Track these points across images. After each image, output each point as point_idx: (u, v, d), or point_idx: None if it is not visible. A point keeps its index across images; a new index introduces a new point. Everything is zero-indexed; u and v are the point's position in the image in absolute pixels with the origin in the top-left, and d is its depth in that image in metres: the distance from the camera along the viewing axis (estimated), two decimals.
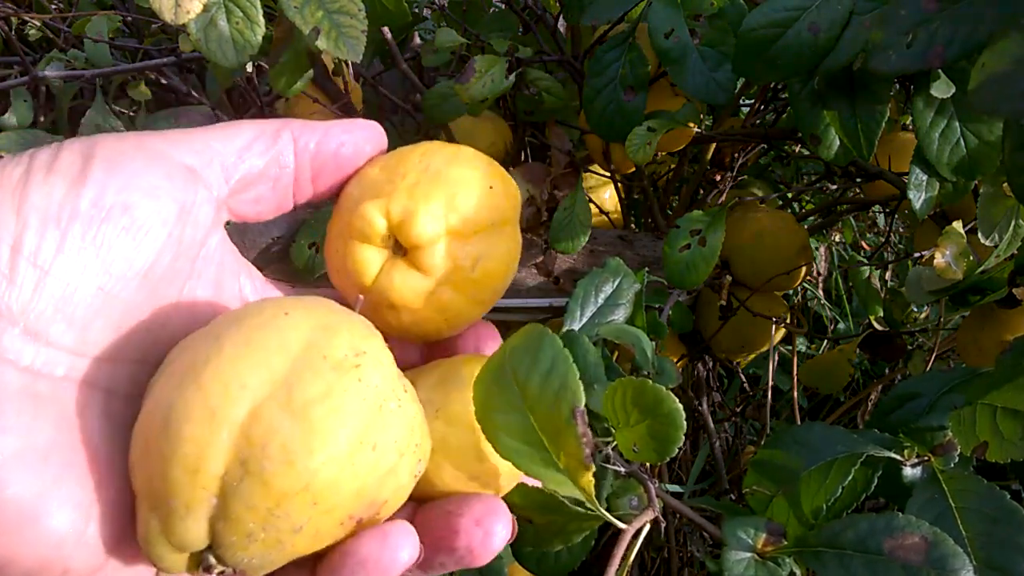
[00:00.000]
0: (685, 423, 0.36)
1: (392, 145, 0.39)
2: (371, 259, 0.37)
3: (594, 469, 0.33)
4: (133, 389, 0.31)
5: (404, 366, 0.35)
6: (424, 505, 0.35)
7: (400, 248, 0.37)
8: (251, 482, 0.27)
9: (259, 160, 0.35)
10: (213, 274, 0.35)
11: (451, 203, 0.36)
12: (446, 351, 0.41)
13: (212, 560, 0.28)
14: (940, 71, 0.57)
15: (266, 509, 0.27)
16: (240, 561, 0.28)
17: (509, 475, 0.37)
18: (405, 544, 0.30)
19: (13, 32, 0.81)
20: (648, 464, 0.83)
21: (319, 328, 0.30)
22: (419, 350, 0.42)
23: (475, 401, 0.34)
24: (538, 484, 0.38)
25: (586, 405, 0.45)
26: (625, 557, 0.38)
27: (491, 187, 0.37)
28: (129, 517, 0.29)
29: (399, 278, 0.36)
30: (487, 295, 0.38)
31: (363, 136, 0.37)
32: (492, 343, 0.41)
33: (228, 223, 0.36)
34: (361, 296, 0.36)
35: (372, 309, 0.37)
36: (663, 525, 0.97)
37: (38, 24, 0.82)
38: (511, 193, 0.38)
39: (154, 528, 0.28)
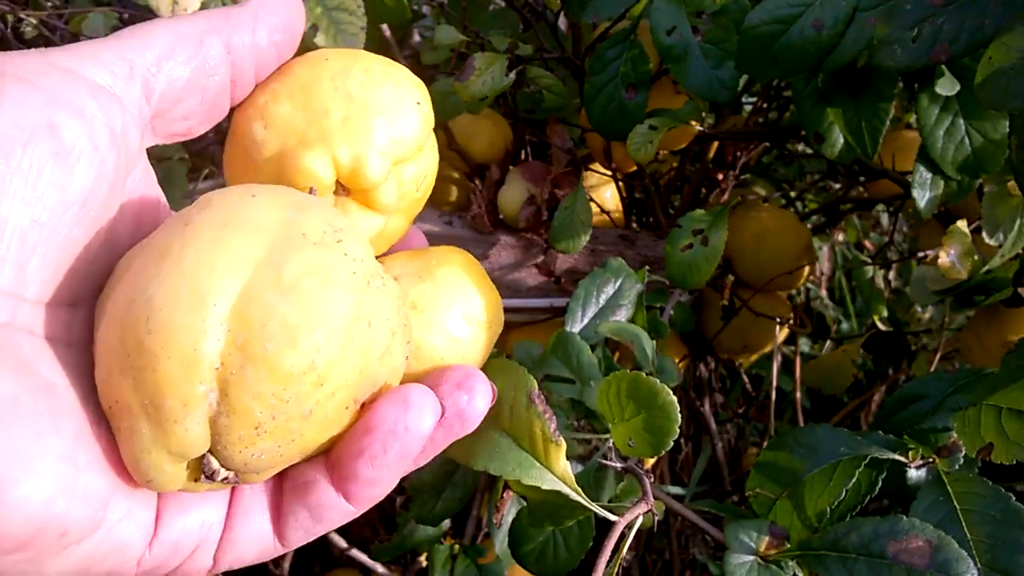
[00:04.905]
0: (680, 415, 0.36)
1: None
2: None
3: (564, 446, 0.33)
4: (71, 335, 0.28)
5: None
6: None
7: (344, 189, 0.34)
8: (254, 366, 0.25)
9: (183, 70, 0.30)
10: (138, 207, 0.31)
11: (390, 133, 0.34)
12: None
13: (215, 463, 0.26)
14: (945, 68, 0.57)
15: (273, 394, 0.25)
16: (247, 459, 0.26)
17: (488, 343, 0.37)
18: (427, 403, 0.28)
19: (9, 30, 0.81)
20: (647, 461, 0.83)
21: (290, 207, 0.28)
22: None
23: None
24: None
25: (582, 402, 0.45)
26: (617, 550, 0.37)
27: (418, 103, 0.35)
28: (119, 464, 0.27)
29: (355, 221, 0.35)
30: (422, 206, 0.38)
31: (288, 14, 0.33)
32: (417, 243, 0.41)
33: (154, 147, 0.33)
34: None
35: None
36: (663, 526, 0.96)
37: (34, 22, 0.81)
38: (428, 97, 0.36)
39: (146, 437, 0.25)
